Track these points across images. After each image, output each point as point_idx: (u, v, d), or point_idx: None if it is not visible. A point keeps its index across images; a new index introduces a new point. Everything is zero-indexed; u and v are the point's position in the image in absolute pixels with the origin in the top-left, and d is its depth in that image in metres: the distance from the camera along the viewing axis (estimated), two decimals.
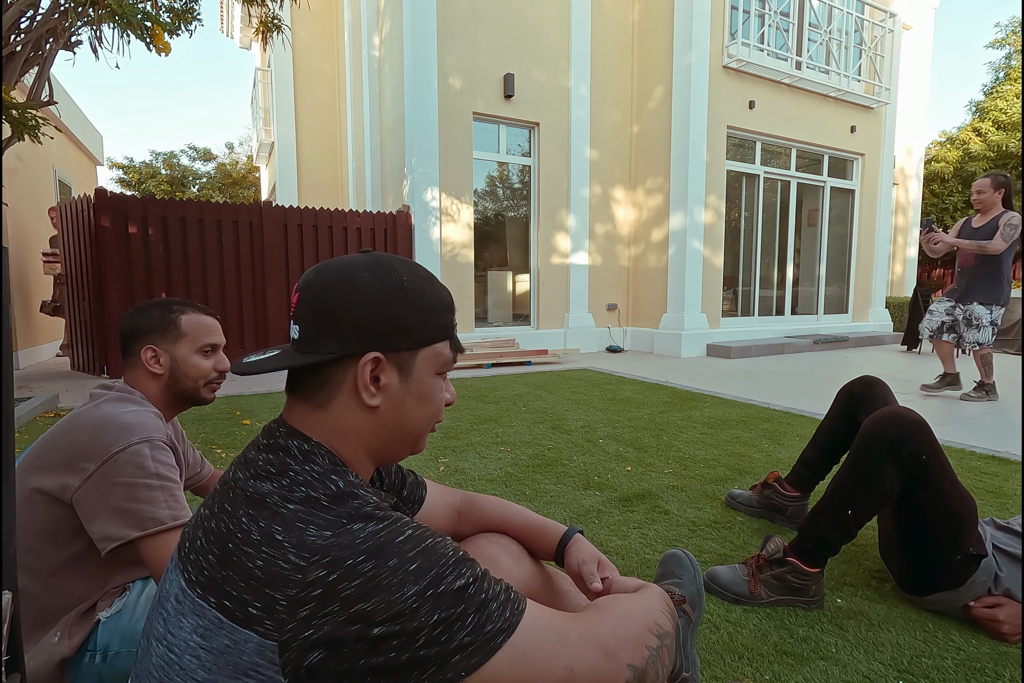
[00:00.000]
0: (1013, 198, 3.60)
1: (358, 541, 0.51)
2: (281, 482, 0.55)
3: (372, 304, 0.58)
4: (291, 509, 0.53)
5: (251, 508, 0.54)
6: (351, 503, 0.54)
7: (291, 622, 0.48)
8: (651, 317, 6.93)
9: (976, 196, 3.65)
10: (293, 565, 0.50)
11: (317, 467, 0.57)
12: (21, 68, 2.97)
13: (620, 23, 6.88)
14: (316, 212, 5.50)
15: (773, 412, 3.43)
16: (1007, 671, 1.11)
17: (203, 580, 0.53)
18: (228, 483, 0.59)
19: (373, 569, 0.50)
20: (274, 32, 3.83)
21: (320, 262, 0.65)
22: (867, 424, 1.31)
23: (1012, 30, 14.84)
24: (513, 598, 0.55)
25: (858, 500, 1.28)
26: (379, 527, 0.53)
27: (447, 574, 0.52)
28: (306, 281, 0.61)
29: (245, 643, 0.49)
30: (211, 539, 0.55)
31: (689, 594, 1.01)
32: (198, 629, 0.51)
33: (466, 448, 2.64)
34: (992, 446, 2.67)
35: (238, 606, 0.50)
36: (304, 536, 0.51)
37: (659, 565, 1.09)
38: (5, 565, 0.54)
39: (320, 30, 9.30)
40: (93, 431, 0.92)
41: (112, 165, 17.74)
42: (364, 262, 0.61)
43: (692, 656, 0.99)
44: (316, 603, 0.48)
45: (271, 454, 0.58)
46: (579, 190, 6.65)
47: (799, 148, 7.43)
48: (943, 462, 1.25)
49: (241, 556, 0.52)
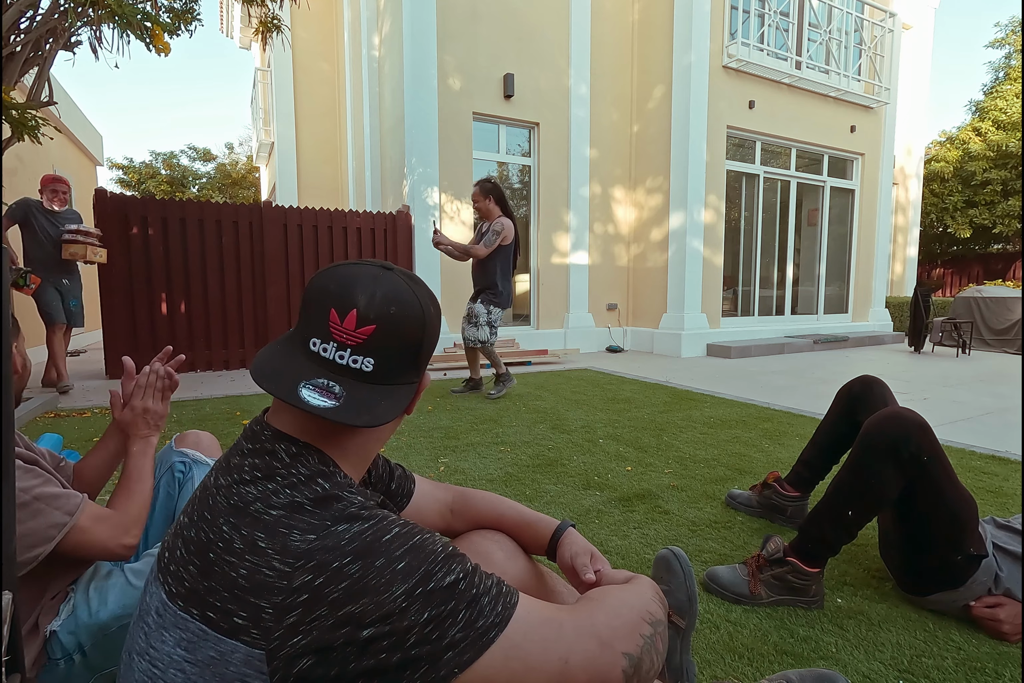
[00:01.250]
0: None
1: (343, 542, 0.50)
2: (267, 486, 0.54)
3: (435, 337, 0.64)
4: (274, 515, 0.52)
5: (232, 516, 0.53)
6: (335, 506, 0.53)
7: (278, 629, 0.47)
8: (651, 317, 6.93)
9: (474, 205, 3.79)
10: (278, 572, 0.49)
11: (304, 469, 0.56)
12: (21, 68, 2.97)
13: (620, 23, 6.88)
14: (316, 212, 5.50)
15: (773, 412, 3.43)
16: (1007, 671, 1.11)
17: (184, 592, 0.52)
18: (209, 489, 0.58)
19: (360, 570, 0.49)
20: (274, 32, 3.84)
21: (371, 281, 0.59)
22: (868, 425, 1.31)
23: (1012, 30, 14.84)
24: (505, 592, 0.54)
25: (859, 501, 1.28)
26: (365, 527, 0.52)
27: (436, 571, 0.51)
28: (383, 314, 0.57)
29: (232, 654, 0.48)
30: (191, 549, 0.54)
31: (677, 603, 0.97)
32: (181, 642, 0.51)
33: (466, 448, 2.64)
34: (992, 446, 2.67)
35: (223, 617, 0.49)
36: (288, 541, 0.50)
37: (652, 568, 1.08)
38: (5, 565, 0.54)
39: (320, 30, 9.30)
40: None
41: (112, 165, 17.74)
42: (427, 294, 0.63)
43: (684, 665, 0.96)
44: (303, 609, 0.48)
45: (257, 458, 0.57)
46: (579, 190, 6.65)
47: (799, 148, 7.43)
48: (944, 463, 1.25)
49: (224, 566, 0.51)
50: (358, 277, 0.59)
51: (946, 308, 8.91)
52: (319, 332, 0.57)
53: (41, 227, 4.01)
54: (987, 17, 60.87)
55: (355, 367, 0.57)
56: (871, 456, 1.26)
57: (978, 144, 13.72)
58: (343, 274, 0.60)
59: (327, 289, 0.58)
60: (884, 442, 1.25)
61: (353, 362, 0.57)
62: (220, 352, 5.16)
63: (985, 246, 15.94)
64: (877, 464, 1.25)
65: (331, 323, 0.57)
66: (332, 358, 0.57)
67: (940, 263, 16.77)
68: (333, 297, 0.57)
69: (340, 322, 0.56)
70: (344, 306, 0.57)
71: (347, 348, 0.57)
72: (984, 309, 7.31)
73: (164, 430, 2.90)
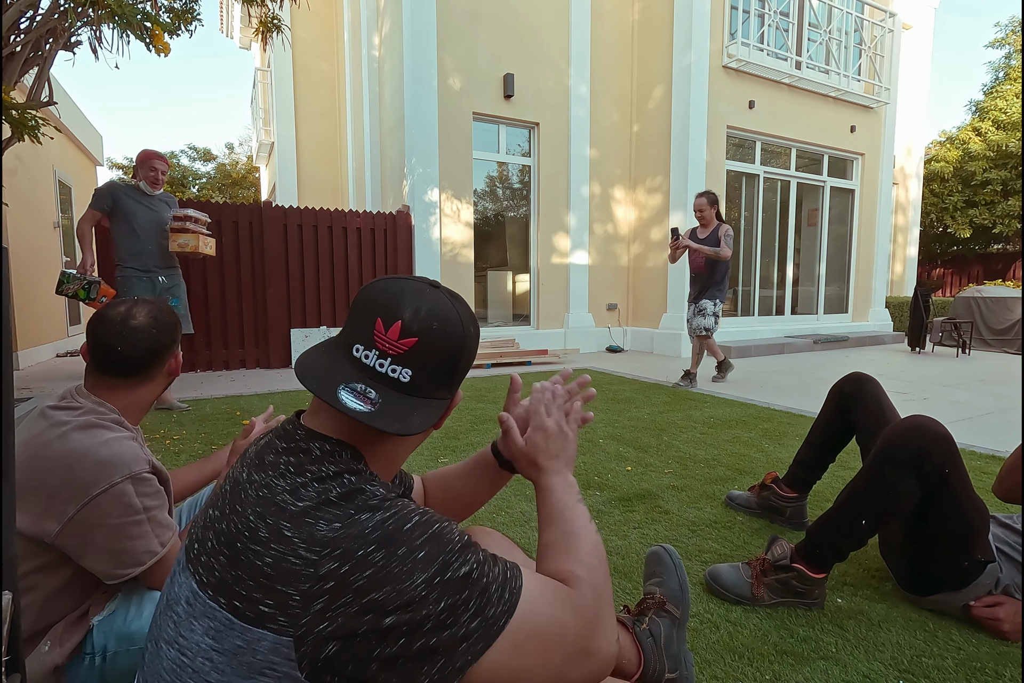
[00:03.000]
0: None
1: (367, 531, 0.52)
2: (296, 480, 0.56)
3: (472, 356, 0.66)
4: (301, 506, 0.54)
5: (259, 506, 0.55)
6: (359, 497, 0.55)
7: (305, 616, 0.49)
8: (651, 317, 6.93)
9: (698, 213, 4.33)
10: (304, 559, 0.50)
11: (333, 466, 0.58)
12: (21, 68, 2.97)
13: (620, 23, 6.88)
14: (316, 212, 5.50)
15: (773, 412, 3.43)
16: (1007, 670, 1.11)
17: (214, 582, 0.53)
18: (240, 484, 0.59)
19: (383, 558, 0.51)
20: (274, 32, 3.83)
21: (417, 296, 0.62)
22: (889, 435, 1.27)
23: (1012, 30, 14.83)
24: (510, 577, 0.57)
25: (874, 511, 1.26)
26: (387, 515, 0.54)
27: (453, 561, 0.53)
28: (426, 328, 0.60)
29: (258, 642, 0.50)
30: (221, 540, 0.55)
31: (671, 592, 1.05)
32: (209, 631, 0.52)
33: (466, 448, 2.64)
34: (992, 446, 2.67)
35: (248, 605, 0.51)
36: (314, 530, 0.52)
37: (644, 565, 1.13)
38: (5, 565, 0.54)
39: (320, 30, 9.30)
40: (65, 472, 0.84)
41: (112, 165, 17.75)
42: (468, 314, 0.65)
43: (682, 654, 1.00)
44: (329, 596, 0.49)
45: (291, 456, 0.59)
46: (579, 190, 6.65)
47: (799, 148, 7.43)
48: (963, 474, 1.23)
49: (249, 555, 0.52)
50: (405, 291, 0.62)
51: (946, 308, 8.91)
52: (363, 339, 0.60)
53: (136, 213, 3.34)
54: (987, 17, 60.91)
55: (393, 376, 0.59)
56: (892, 468, 1.23)
57: (978, 144, 13.72)
58: (392, 287, 0.63)
59: (375, 300, 0.62)
60: (907, 455, 1.21)
61: (392, 371, 0.59)
62: (220, 352, 5.16)
63: (985, 246, 15.94)
64: (898, 476, 1.22)
65: (376, 332, 0.60)
66: (373, 365, 0.59)
67: (940, 263, 16.77)
68: (381, 307, 0.60)
69: (385, 332, 0.59)
70: (390, 317, 0.60)
71: (388, 357, 0.59)
72: (984, 309, 7.31)
73: (164, 431, 2.89)
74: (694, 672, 1.04)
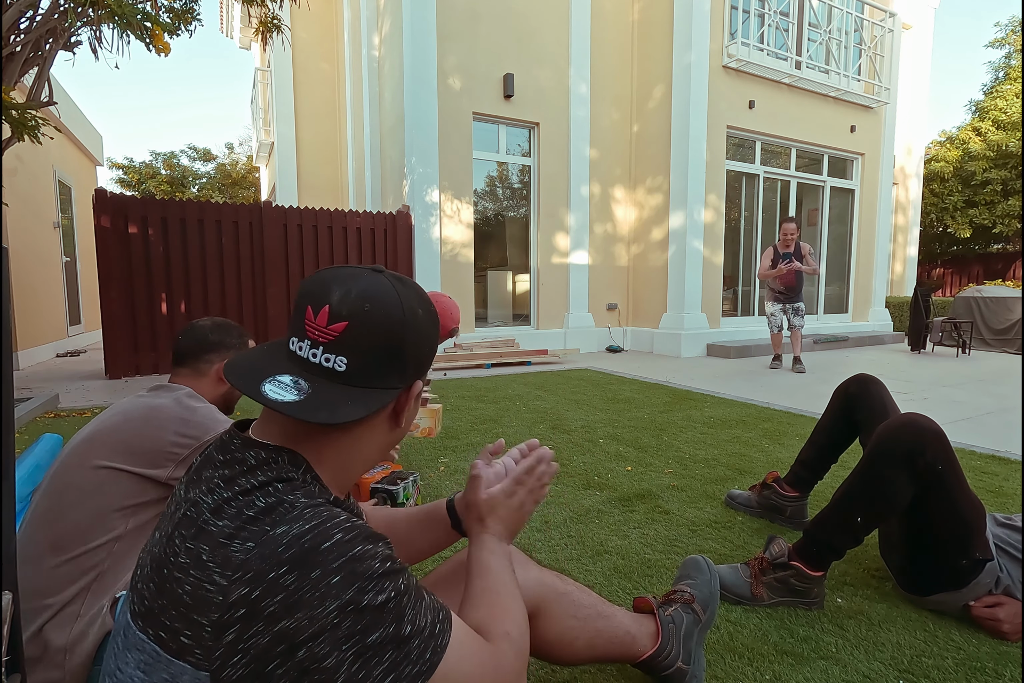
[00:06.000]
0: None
1: (280, 549, 0.48)
2: (222, 496, 0.52)
3: (430, 341, 0.62)
4: (219, 526, 0.50)
5: (184, 528, 0.52)
6: (278, 509, 0.51)
7: (218, 648, 0.46)
8: (651, 317, 6.93)
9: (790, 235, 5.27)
10: (217, 586, 0.47)
11: (263, 476, 0.54)
12: (21, 68, 2.96)
13: (620, 23, 6.88)
14: (316, 212, 5.50)
15: (773, 412, 3.43)
16: (1007, 670, 1.11)
17: (143, 611, 0.51)
18: (179, 503, 0.56)
19: (295, 582, 0.47)
20: (274, 32, 3.83)
21: (350, 279, 0.58)
22: (882, 432, 1.28)
23: (1012, 30, 14.83)
24: (438, 633, 0.53)
25: (869, 508, 1.26)
26: (303, 530, 0.49)
27: (369, 589, 0.49)
28: (356, 310, 0.56)
29: (180, 675, 0.47)
30: (153, 566, 0.52)
31: (701, 595, 1.08)
32: (140, 664, 0.50)
33: (466, 448, 2.64)
34: (992, 446, 2.67)
35: (172, 636, 0.48)
36: (228, 553, 0.48)
37: (679, 568, 1.18)
38: (5, 565, 0.53)
39: (320, 30, 9.30)
40: (179, 423, 1.03)
41: (112, 165, 17.73)
42: (415, 295, 0.60)
43: (697, 652, 1.01)
44: (241, 624, 0.46)
45: (226, 469, 0.55)
46: (579, 189, 6.65)
47: (799, 148, 7.43)
48: (957, 470, 1.24)
49: (172, 582, 0.49)
50: (338, 277, 0.58)
51: (946, 308, 8.90)
52: (297, 330, 0.57)
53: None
54: (987, 17, 60.93)
55: (327, 366, 0.56)
56: (885, 464, 1.24)
57: (978, 144, 13.72)
58: (326, 275, 0.59)
59: (309, 289, 0.58)
60: (900, 451, 1.22)
61: (326, 360, 0.55)
62: None
63: (985, 246, 15.93)
64: (891, 472, 1.23)
65: (306, 320, 0.56)
66: (306, 356, 0.56)
67: (940, 263, 16.76)
68: (311, 295, 0.57)
69: (314, 319, 0.56)
70: (318, 303, 0.56)
71: (320, 345, 0.56)
72: (984, 309, 7.31)
73: None
74: (704, 676, 1.05)
